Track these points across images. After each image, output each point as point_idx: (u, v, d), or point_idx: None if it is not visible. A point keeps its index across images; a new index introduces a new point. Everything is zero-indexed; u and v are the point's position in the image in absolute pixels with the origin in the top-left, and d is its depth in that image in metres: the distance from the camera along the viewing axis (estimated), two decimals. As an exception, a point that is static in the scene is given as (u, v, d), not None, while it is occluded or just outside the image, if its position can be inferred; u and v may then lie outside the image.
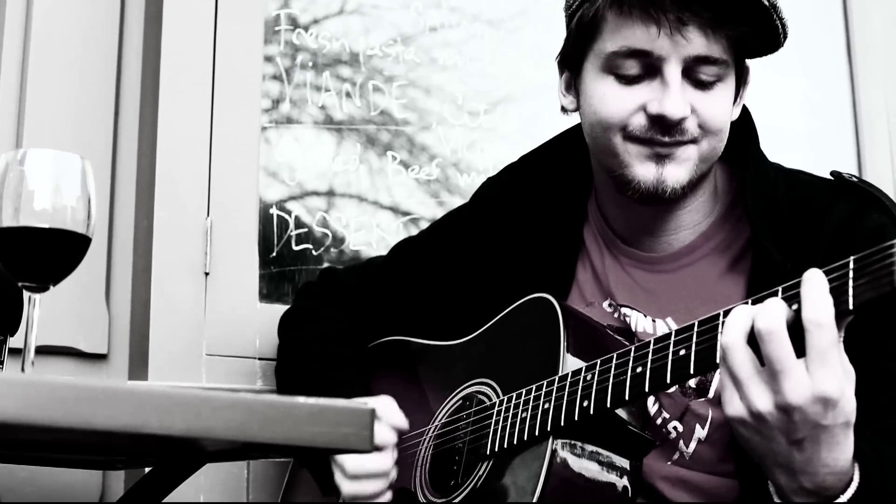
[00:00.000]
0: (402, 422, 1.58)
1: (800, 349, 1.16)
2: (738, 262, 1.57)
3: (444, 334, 1.74)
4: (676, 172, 1.51)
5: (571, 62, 1.61)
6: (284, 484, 1.87)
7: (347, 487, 1.55)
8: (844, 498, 1.21)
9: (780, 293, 1.20)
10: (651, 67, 1.49)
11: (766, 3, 1.44)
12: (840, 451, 1.19)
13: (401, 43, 2.37)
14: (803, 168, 1.65)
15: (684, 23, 1.45)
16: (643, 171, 1.51)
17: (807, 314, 1.15)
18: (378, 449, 1.54)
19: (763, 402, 1.17)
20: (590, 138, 1.60)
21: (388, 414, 1.58)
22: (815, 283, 1.16)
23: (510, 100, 2.45)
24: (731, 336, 1.19)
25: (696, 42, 1.47)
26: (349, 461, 1.54)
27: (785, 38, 1.50)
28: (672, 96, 1.47)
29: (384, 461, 1.55)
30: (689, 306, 1.38)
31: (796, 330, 1.16)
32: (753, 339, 1.18)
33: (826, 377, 1.14)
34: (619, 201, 1.62)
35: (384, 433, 1.55)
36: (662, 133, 1.49)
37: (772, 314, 1.16)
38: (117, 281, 2.06)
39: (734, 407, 1.20)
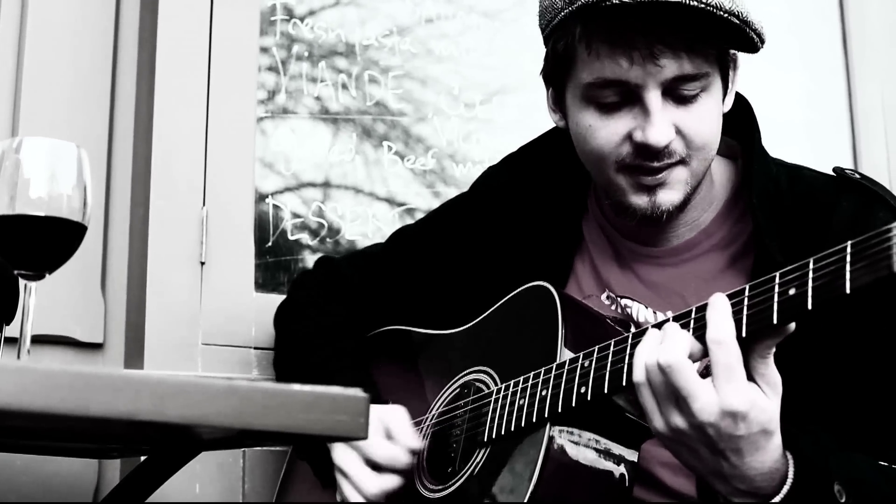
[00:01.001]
0: (415, 441, 1.59)
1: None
2: (738, 259, 1.57)
3: (443, 323, 1.75)
4: (669, 196, 1.51)
5: (554, 83, 1.61)
6: (282, 474, 1.87)
7: (374, 483, 1.56)
8: (781, 495, 1.26)
9: (691, 322, 1.27)
10: (630, 94, 1.47)
11: (737, 21, 1.41)
12: (764, 455, 1.24)
13: (397, 34, 2.37)
14: (799, 160, 1.64)
15: (655, 55, 1.43)
16: (637, 199, 1.52)
17: (709, 334, 1.22)
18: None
19: (678, 421, 1.24)
20: (585, 163, 1.60)
21: (401, 431, 1.59)
22: (717, 306, 1.23)
23: (506, 91, 2.45)
24: (637, 373, 1.27)
25: (671, 66, 1.44)
26: (380, 451, 1.55)
27: (762, 43, 1.47)
28: (654, 125, 1.46)
29: (394, 482, 1.57)
30: (689, 302, 1.38)
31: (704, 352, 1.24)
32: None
33: (731, 393, 1.20)
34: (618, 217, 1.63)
35: (399, 454, 1.57)
36: (651, 159, 1.49)
37: (674, 349, 1.23)
38: (113, 270, 2.06)
39: (657, 424, 1.27)
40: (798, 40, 2.68)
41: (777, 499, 1.26)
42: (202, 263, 2.06)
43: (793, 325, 1.21)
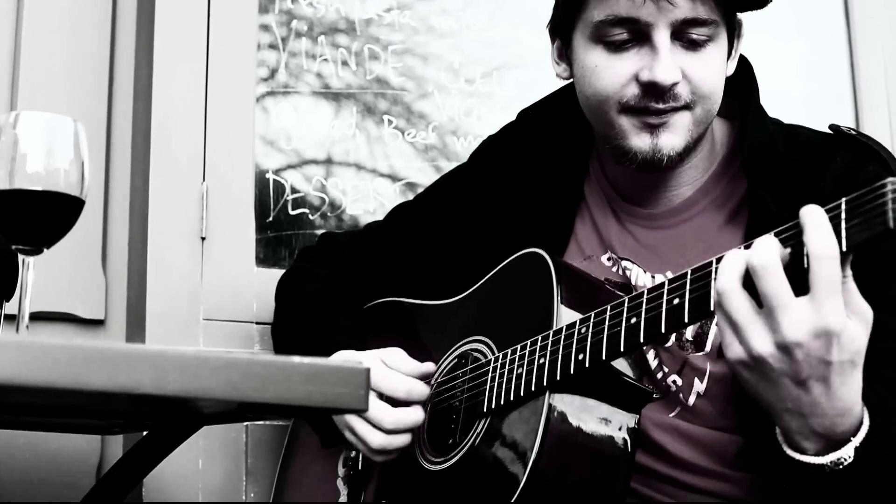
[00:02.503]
0: (420, 367, 1.59)
1: (798, 289, 1.14)
2: (736, 215, 1.57)
3: (444, 294, 1.74)
4: (672, 140, 1.51)
5: (561, 31, 1.61)
6: (284, 446, 1.88)
7: (380, 440, 1.55)
8: (855, 441, 1.20)
9: (771, 235, 1.18)
10: (639, 33, 1.49)
11: None
12: (847, 392, 1.18)
13: (397, 10, 2.36)
14: (801, 126, 1.65)
15: None
16: (638, 141, 1.52)
17: (811, 245, 1.12)
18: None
19: (763, 342, 1.16)
20: (586, 108, 1.60)
21: (406, 365, 1.59)
22: (815, 215, 1.14)
23: (507, 66, 2.44)
24: (726, 279, 1.18)
25: (683, 6, 1.46)
26: (387, 416, 1.55)
27: None
28: (662, 62, 1.47)
29: (419, 414, 1.57)
30: (689, 260, 1.38)
31: (794, 269, 1.15)
32: (749, 284, 1.17)
33: (828, 310, 1.12)
34: (618, 164, 1.62)
35: (418, 387, 1.57)
36: (656, 100, 1.49)
37: (765, 250, 1.15)
38: (114, 246, 2.06)
39: (734, 351, 1.19)
40: (799, 10, 2.66)
41: (855, 441, 1.20)
42: (203, 239, 2.06)
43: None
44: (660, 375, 1.54)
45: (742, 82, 1.62)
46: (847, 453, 1.21)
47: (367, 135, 2.29)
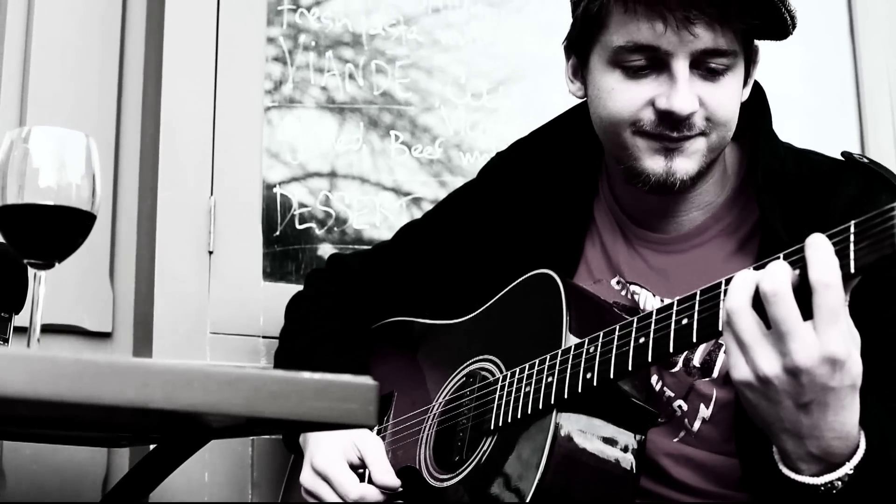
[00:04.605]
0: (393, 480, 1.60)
1: (804, 312, 1.16)
2: (746, 242, 1.57)
3: (452, 313, 1.74)
4: (685, 164, 1.51)
5: (578, 50, 1.61)
6: (290, 460, 1.88)
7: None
8: (851, 464, 1.21)
9: (781, 258, 1.20)
10: (658, 61, 1.48)
11: None
12: (846, 415, 1.19)
13: (403, 24, 2.37)
14: (805, 142, 1.65)
15: (691, 21, 1.43)
16: (652, 164, 1.51)
17: (814, 275, 1.14)
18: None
19: (770, 365, 1.17)
20: (599, 129, 1.60)
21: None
22: (819, 246, 1.16)
23: (512, 79, 2.45)
24: (736, 299, 1.19)
25: (704, 37, 1.45)
26: (353, 489, 1.57)
27: (794, 27, 1.49)
28: (680, 92, 1.46)
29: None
30: (698, 286, 1.39)
31: (801, 293, 1.16)
32: (758, 304, 1.18)
33: (834, 337, 1.14)
34: (630, 187, 1.62)
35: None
36: (671, 129, 1.49)
37: (776, 275, 1.16)
38: (121, 260, 2.07)
39: (740, 371, 1.20)
40: (803, 20, 2.66)
41: (851, 464, 1.21)
42: (210, 253, 2.06)
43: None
44: (665, 399, 1.55)
45: (754, 106, 1.62)
46: (842, 475, 1.21)
47: (372, 148, 2.30)
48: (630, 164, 1.54)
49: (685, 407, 1.54)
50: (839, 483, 1.21)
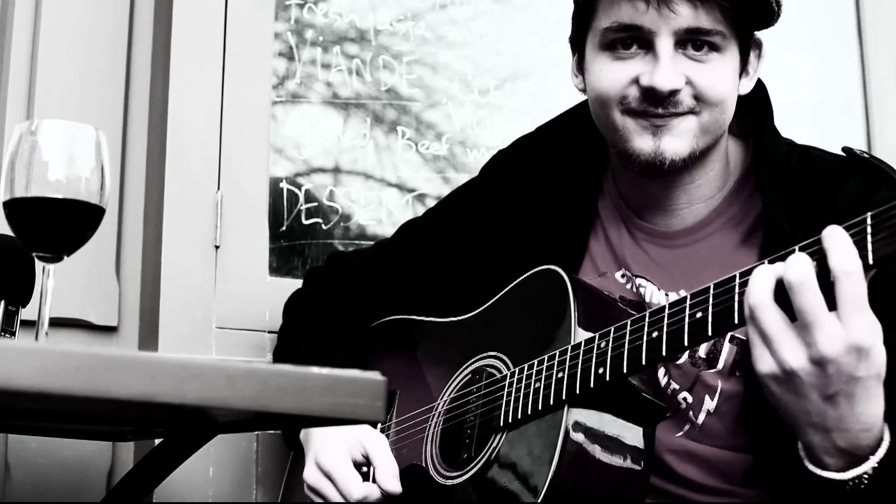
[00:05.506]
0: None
1: (827, 303, 1.16)
2: (750, 235, 1.58)
3: (456, 310, 1.74)
4: (675, 144, 1.52)
5: (577, 43, 1.64)
6: (290, 458, 1.88)
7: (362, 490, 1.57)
8: (876, 458, 1.21)
9: (797, 250, 1.20)
10: (644, 41, 1.52)
11: None
12: (873, 407, 1.20)
13: (409, 20, 2.37)
14: (812, 143, 1.65)
15: None
16: (641, 143, 1.53)
17: (836, 263, 1.15)
18: None
19: (796, 356, 1.17)
20: (594, 114, 1.62)
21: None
22: (838, 236, 1.16)
23: (518, 76, 2.45)
24: (759, 293, 1.19)
25: (685, 14, 1.48)
26: (357, 488, 1.57)
27: (779, 7, 1.52)
28: (661, 68, 1.49)
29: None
30: (703, 280, 1.39)
31: (822, 283, 1.16)
32: (779, 297, 1.19)
33: (859, 326, 1.15)
34: (631, 176, 1.63)
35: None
36: (655, 104, 1.51)
37: (800, 265, 1.17)
38: (128, 254, 2.07)
39: (766, 364, 1.20)
40: (810, 21, 2.67)
41: (876, 457, 1.21)
42: (216, 247, 2.06)
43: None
44: (669, 392, 1.55)
45: (756, 103, 1.63)
46: (868, 469, 1.21)
47: (377, 144, 2.30)
48: (622, 147, 1.55)
49: (690, 399, 1.54)
50: (866, 476, 1.21)
